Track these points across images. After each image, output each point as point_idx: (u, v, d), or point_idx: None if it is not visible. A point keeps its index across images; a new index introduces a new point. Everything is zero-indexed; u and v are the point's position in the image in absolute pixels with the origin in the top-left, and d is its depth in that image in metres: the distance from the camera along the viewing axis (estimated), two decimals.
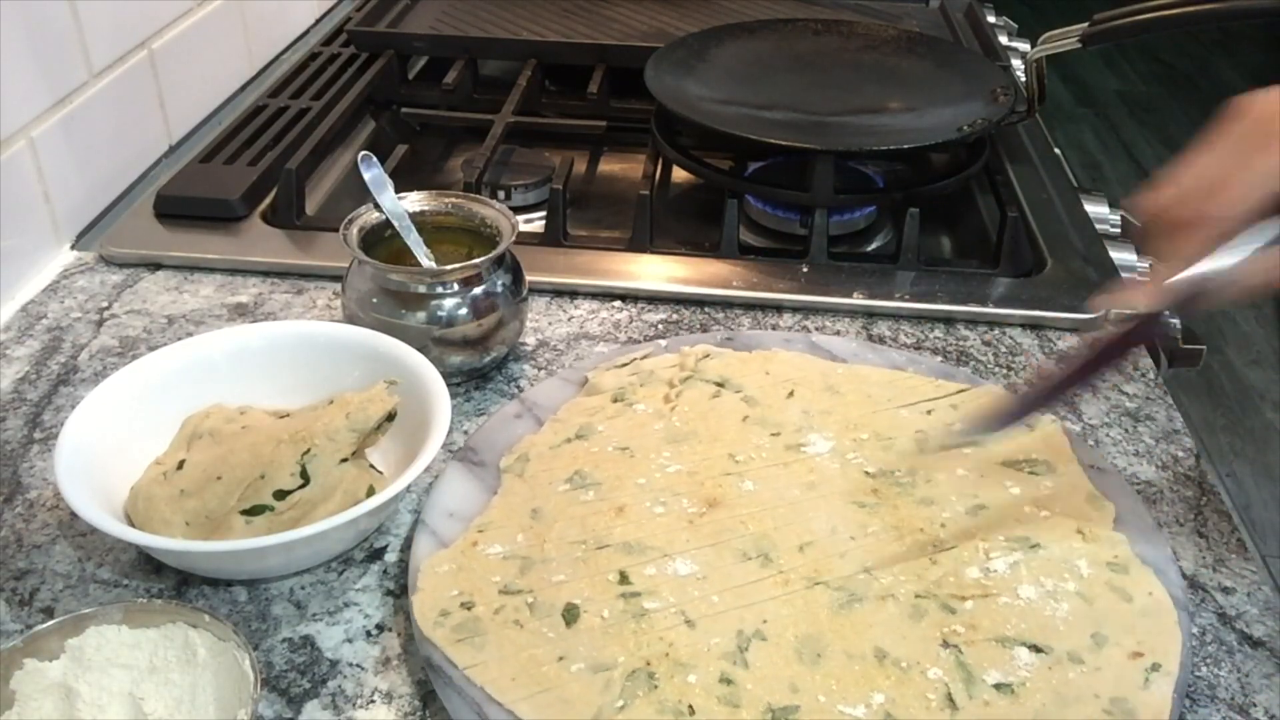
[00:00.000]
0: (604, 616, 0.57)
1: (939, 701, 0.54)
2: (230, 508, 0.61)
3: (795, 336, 0.81)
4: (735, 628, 0.57)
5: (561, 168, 1.02)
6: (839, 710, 0.53)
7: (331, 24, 1.36)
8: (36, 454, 0.71)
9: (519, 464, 0.67)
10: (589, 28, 1.24)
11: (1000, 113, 0.98)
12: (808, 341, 0.80)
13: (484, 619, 0.57)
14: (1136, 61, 4.16)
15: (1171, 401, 0.78)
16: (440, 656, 0.55)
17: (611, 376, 0.75)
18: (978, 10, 1.40)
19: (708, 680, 0.54)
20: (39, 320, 0.84)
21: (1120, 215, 1.03)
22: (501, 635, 0.56)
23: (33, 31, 0.86)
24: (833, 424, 0.71)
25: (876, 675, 0.55)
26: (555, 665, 0.55)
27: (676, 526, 0.63)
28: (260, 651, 0.58)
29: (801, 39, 1.14)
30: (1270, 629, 0.61)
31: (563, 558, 0.61)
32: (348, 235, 0.74)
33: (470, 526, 0.63)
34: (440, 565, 0.60)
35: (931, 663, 0.56)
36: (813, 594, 0.59)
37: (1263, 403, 2.50)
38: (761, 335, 0.81)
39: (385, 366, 0.68)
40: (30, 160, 0.87)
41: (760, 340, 0.79)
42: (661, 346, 0.78)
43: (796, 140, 0.94)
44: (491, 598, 0.58)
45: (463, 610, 0.57)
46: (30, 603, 0.61)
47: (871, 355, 0.79)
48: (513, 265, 0.78)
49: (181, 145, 1.09)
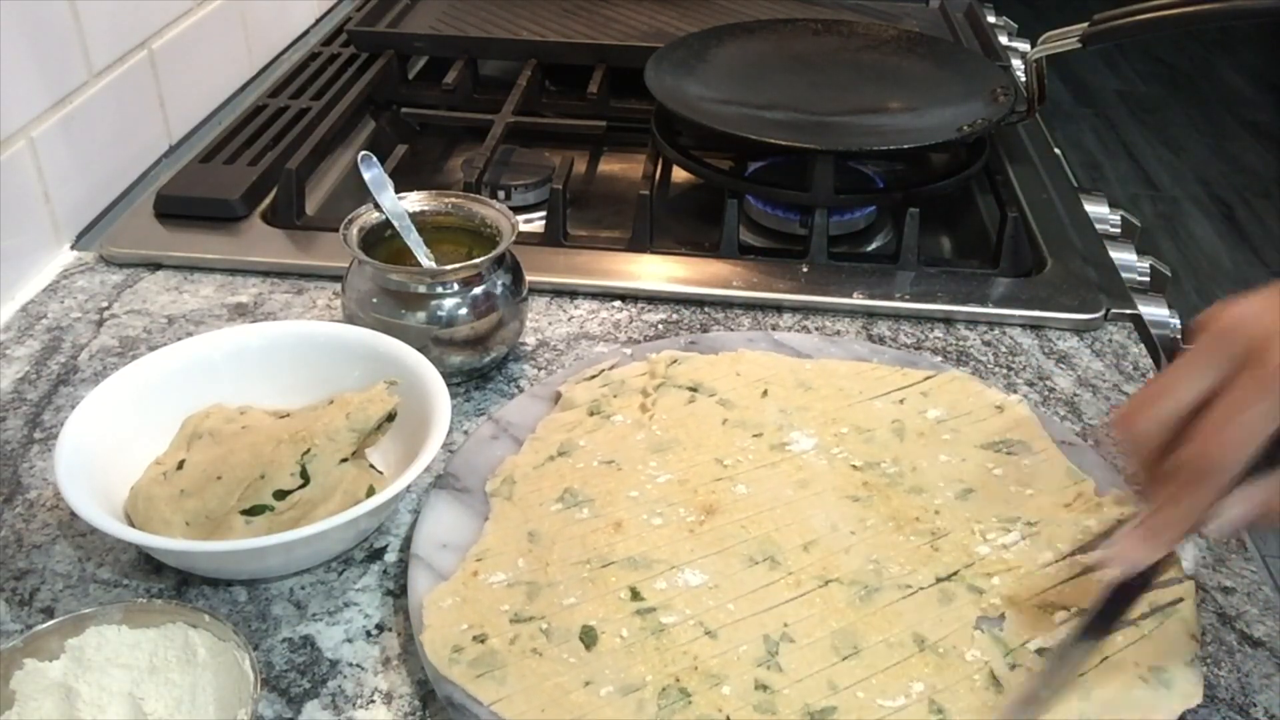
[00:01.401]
0: (623, 636, 0.56)
1: (983, 681, 0.54)
2: (230, 508, 0.61)
3: (757, 335, 0.81)
4: (759, 633, 0.57)
5: (561, 168, 1.02)
6: (879, 704, 0.53)
7: (331, 24, 1.36)
8: (36, 454, 0.71)
9: (506, 487, 0.66)
10: (589, 28, 1.24)
11: (1000, 113, 0.98)
12: (771, 340, 0.80)
13: (500, 651, 0.55)
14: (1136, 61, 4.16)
15: None
16: (462, 694, 0.53)
17: (583, 389, 0.74)
18: (978, 10, 1.40)
19: (742, 689, 0.54)
20: (39, 320, 0.84)
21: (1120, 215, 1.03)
22: (522, 665, 0.54)
23: (33, 31, 0.86)
24: (811, 420, 0.71)
25: (915, 664, 0.55)
26: (583, 691, 0.53)
27: (678, 537, 0.62)
28: (260, 651, 0.58)
29: (801, 39, 1.14)
30: (1270, 629, 0.61)
31: (569, 579, 0.59)
32: (348, 235, 0.74)
33: (468, 556, 0.61)
34: (443, 599, 0.58)
35: (968, 645, 0.56)
36: (828, 591, 0.59)
37: None
38: (725, 337, 0.80)
39: (385, 366, 0.68)
40: (30, 160, 0.87)
41: (724, 342, 0.79)
42: (627, 355, 0.78)
43: (796, 140, 0.94)
44: (504, 628, 0.56)
45: (476, 644, 0.55)
46: (30, 603, 0.61)
47: (834, 349, 0.79)
48: (513, 265, 0.78)
49: (181, 145, 1.09)
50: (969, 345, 0.83)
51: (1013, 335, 0.84)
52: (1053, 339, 0.84)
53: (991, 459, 0.69)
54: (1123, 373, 0.80)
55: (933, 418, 0.72)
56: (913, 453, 0.69)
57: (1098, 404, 0.77)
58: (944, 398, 0.73)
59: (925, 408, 0.72)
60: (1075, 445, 0.70)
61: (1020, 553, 0.62)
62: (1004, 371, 0.80)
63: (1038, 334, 0.85)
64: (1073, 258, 0.91)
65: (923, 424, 0.71)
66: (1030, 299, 0.86)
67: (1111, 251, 0.94)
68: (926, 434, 0.70)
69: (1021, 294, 0.87)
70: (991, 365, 0.81)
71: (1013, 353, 0.83)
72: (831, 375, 0.75)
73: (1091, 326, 0.85)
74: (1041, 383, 0.79)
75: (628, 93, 1.12)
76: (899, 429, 0.71)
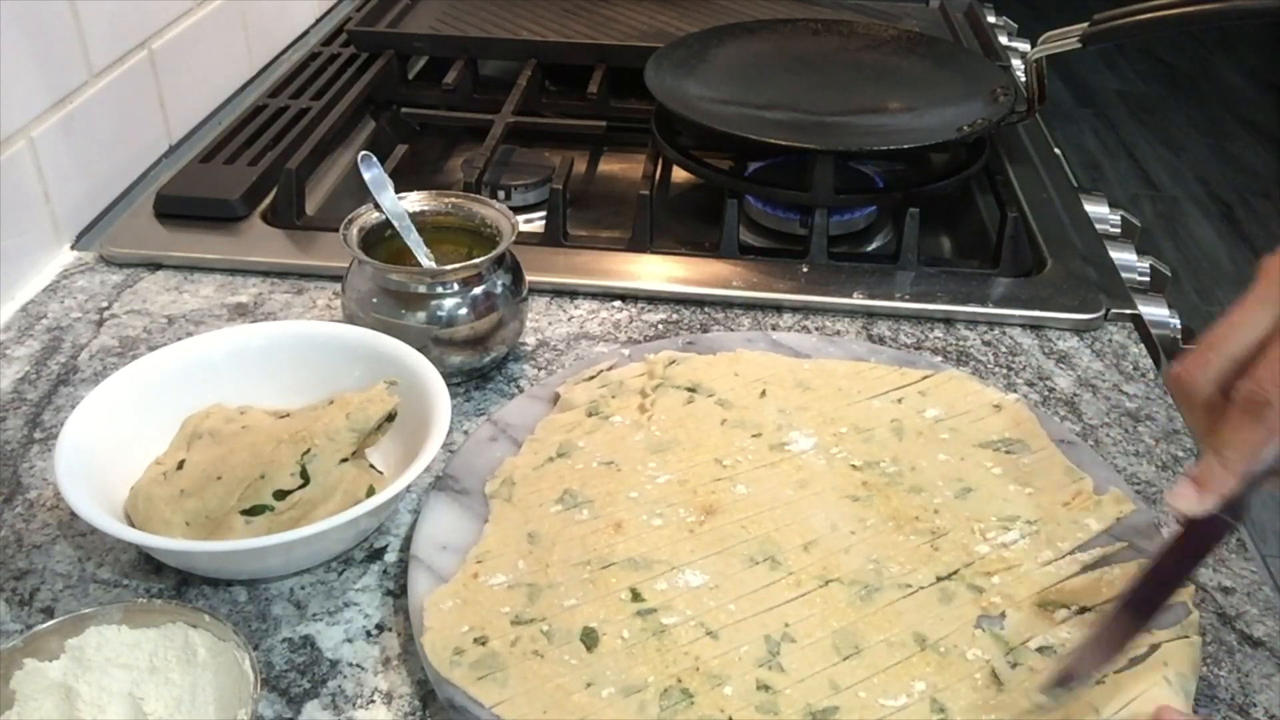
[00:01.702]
0: (624, 637, 0.56)
1: (984, 680, 0.54)
2: (230, 508, 0.61)
3: (756, 335, 0.81)
4: (761, 633, 0.57)
5: (561, 168, 1.02)
6: (880, 704, 0.53)
7: (331, 24, 1.36)
8: (36, 454, 0.71)
9: (505, 488, 0.66)
10: (589, 28, 1.24)
11: (1000, 113, 0.98)
12: (769, 340, 0.80)
13: (501, 653, 0.55)
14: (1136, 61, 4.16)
15: (1172, 401, 0.78)
16: (463, 697, 0.53)
17: (581, 390, 0.73)
18: (978, 10, 1.40)
19: (744, 689, 0.54)
20: (39, 320, 0.84)
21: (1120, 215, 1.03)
22: (523, 667, 0.54)
23: (33, 31, 0.86)
24: (810, 420, 0.71)
25: (916, 663, 0.55)
26: (585, 693, 0.53)
27: (678, 537, 0.62)
28: (260, 651, 0.58)
29: (801, 39, 1.14)
30: (1270, 629, 0.61)
31: (569, 581, 0.59)
32: (348, 235, 0.74)
33: (468, 558, 0.61)
34: (444, 601, 0.58)
35: (969, 644, 0.56)
36: (829, 591, 0.59)
37: None
38: (723, 337, 0.80)
39: (385, 366, 0.68)
40: (30, 160, 0.87)
41: (722, 342, 0.79)
42: (625, 356, 0.78)
43: (796, 140, 0.94)
44: (504, 629, 0.56)
45: (477, 646, 0.55)
46: (30, 603, 0.61)
47: (832, 349, 0.79)
48: (513, 265, 0.78)
49: (181, 145, 1.09)
50: (969, 345, 0.83)
51: (1013, 335, 0.84)
52: (1053, 339, 0.84)
53: (990, 458, 0.69)
54: (1123, 373, 0.80)
55: (931, 417, 0.72)
56: (912, 452, 0.69)
57: (1098, 404, 0.77)
58: (942, 397, 0.73)
59: (923, 407, 0.73)
60: (1073, 444, 0.70)
61: (1020, 551, 0.62)
62: (1004, 371, 0.80)
63: (1038, 334, 0.85)
64: (1073, 258, 0.91)
65: (921, 423, 0.71)
66: (1030, 299, 0.86)
67: (1111, 251, 0.94)
68: (925, 433, 0.70)
69: (1021, 294, 0.87)
70: (991, 365, 0.81)
71: (1013, 353, 0.83)
72: (829, 375, 0.75)
73: (1091, 326, 0.85)
74: (1041, 383, 0.79)
75: (628, 93, 1.12)
76: (898, 428, 0.71)
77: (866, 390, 0.74)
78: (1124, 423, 0.76)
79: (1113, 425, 0.75)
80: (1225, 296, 2.81)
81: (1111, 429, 0.75)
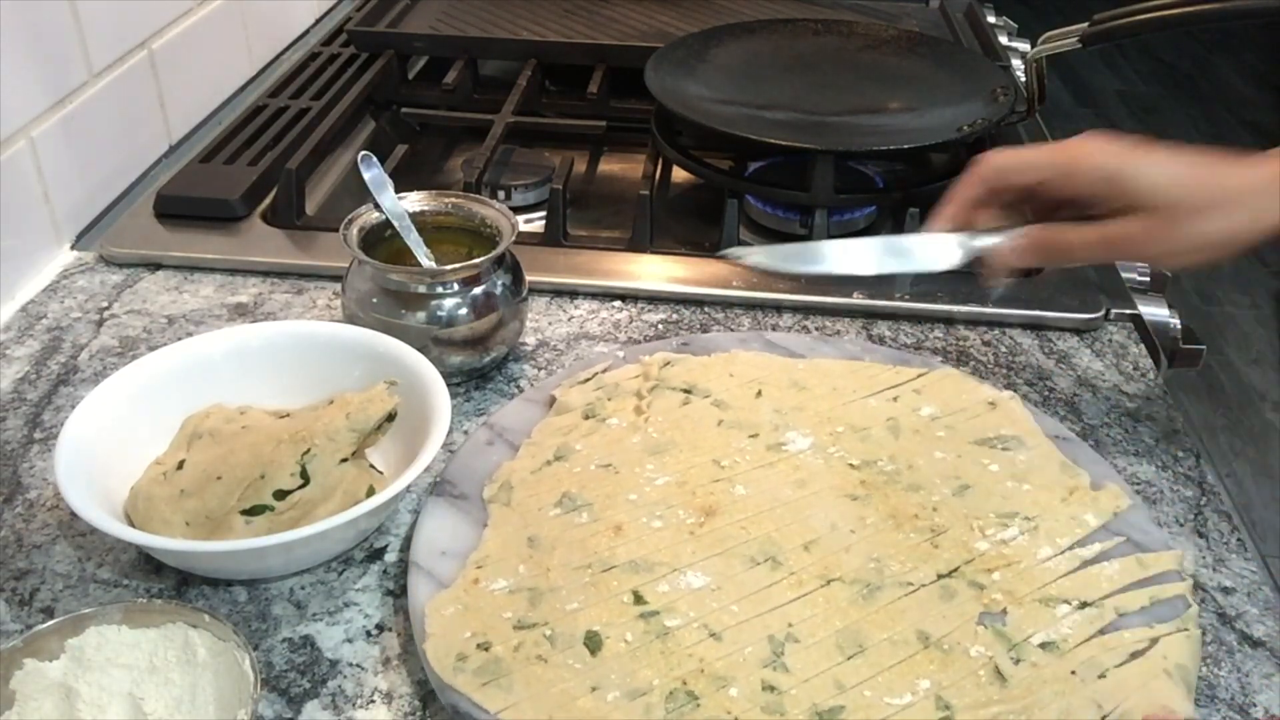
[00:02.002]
0: (627, 640, 0.56)
1: (988, 676, 0.54)
2: (230, 508, 0.61)
3: (750, 335, 0.81)
4: (764, 634, 0.56)
5: (561, 168, 1.02)
6: (886, 702, 0.53)
7: (331, 24, 1.35)
8: (36, 454, 0.71)
9: (503, 493, 0.65)
10: (589, 28, 1.24)
11: (1000, 113, 0.98)
12: (763, 340, 0.80)
13: (505, 658, 0.55)
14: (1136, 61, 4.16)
15: (1171, 401, 0.78)
16: (467, 703, 0.53)
17: (577, 393, 0.73)
18: (978, 10, 1.40)
19: (749, 690, 0.54)
20: (39, 320, 0.84)
21: None
22: (527, 673, 0.54)
23: (33, 31, 0.86)
24: (807, 420, 0.71)
25: (920, 661, 0.55)
26: (590, 697, 0.53)
27: (678, 539, 0.62)
28: (260, 651, 0.58)
29: (801, 39, 1.14)
30: (1270, 629, 0.61)
31: (571, 584, 0.59)
32: (348, 235, 0.74)
33: (468, 563, 0.60)
34: (445, 607, 0.58)
35: (971, 641, 0.56)
36: (830, 591, 0.59)
37: (1263, 403, 2.50)
38: (717, 338, 0.80)
39: (385, 366, 0.68)
40: (30, 160, 0.87)
41: (717, 343, 0.79)
42: (620, 358, 0.78)
43: (796, 140, 0.94)
44: (507, 635, 0.56)
45: (480, 652, 0.55)
46: (30, 603, 0.61)
47: (826, 348, 0.79)
48: (513, 265, 0.78)
49: (181, 145, 1.09)
50: (969, 345, 0.83)
51: (1013, 335, 0.84)
52: (1053, 339, 0.84)
53: (986, 455, 0.69)
54: (1123, 373, 0.80)
55: (926, 415, 0.72)
56: (909, 450, 0.69)
57: (1097, 404, 0.77)
58: (937, 394, 0.73)
59: (919, 405, 0.73)
60: (1068, 439, 0.70)
61: (1019, 547, 0.62)
62: (1004, 371, 0.80)
63: (1038, 334, 0.85)
64: None
65: (917, 421, 0.71)
66: (1030, 299, 0.86)
67: None
68: (921, 431, 0.70)
69: (1021, 294, 0.87)
70: (991, 365, 0.81)
71: (1013, 353, 0.83)
72: (825, 374, 0.75)
73: (1091, 326, 0.85)
74: (1041, 383, 0.79)
75: (628, 93, 1.11)
76: (894, 427, 0.71)
77: (862, 389, 0.74)
78: (1124, 423, 0.76)
79: (1113, 425, 0.75)
80: (1225, 296, 2.81)
81: (1111, 429, 0.75)
